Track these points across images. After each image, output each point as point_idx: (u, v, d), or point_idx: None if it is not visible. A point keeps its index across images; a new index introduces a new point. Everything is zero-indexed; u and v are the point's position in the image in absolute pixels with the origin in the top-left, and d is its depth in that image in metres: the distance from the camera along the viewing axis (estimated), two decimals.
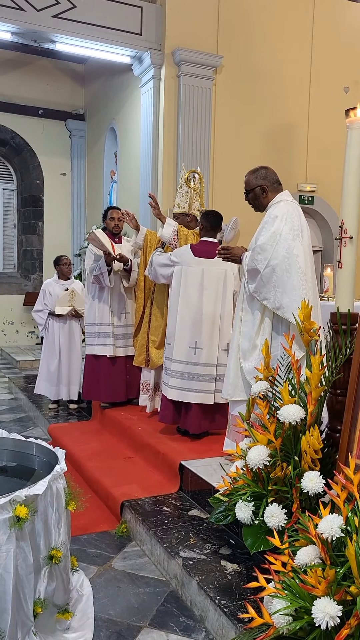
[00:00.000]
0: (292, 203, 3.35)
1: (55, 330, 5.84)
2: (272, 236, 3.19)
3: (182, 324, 4.21)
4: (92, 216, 10.95)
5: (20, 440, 2.75)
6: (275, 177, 3.44)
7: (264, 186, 3.40)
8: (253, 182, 3.44)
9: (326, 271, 5.43)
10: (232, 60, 7.88)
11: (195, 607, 2.60)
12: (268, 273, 3.18)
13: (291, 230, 3.20)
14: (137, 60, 7.91)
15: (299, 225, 3.24)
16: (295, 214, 3.27)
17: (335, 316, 2.70)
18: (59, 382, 5.84)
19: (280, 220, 3.22)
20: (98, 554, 3.13)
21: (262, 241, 3.22)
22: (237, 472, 2.80)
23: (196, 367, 4.16)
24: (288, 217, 3.23)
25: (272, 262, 3.17)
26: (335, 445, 2.64)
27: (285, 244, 3.16)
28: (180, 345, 4.20)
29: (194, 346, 4.18)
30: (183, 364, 4.18)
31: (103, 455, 4.42)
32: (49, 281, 6.07)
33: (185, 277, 4.25)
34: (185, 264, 4.27)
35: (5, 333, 10.89)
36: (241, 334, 3.38)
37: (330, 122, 8.25)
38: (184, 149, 7.60)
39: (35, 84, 10.78)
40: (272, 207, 3.35)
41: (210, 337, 4.18)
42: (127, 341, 5.30)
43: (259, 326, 3.30)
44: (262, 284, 3.21)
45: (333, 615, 1.76)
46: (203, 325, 4.18)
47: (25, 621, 2.09)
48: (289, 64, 8.32)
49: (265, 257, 3.19)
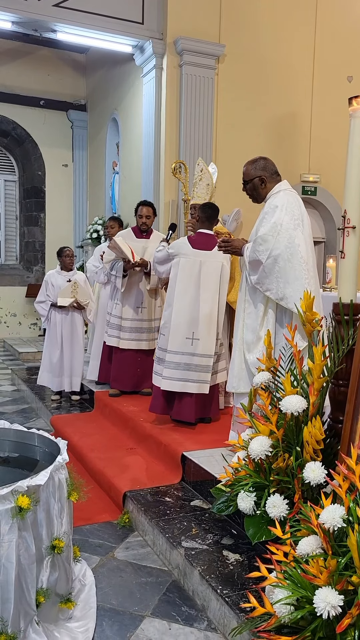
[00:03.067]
0: (292, 193, 3.33)
1: (58, 322, 5.84)
2: (273, 226, 3.17)
3: (179, 314, 4.23)
4: (94, 207, 10.92)
5: (22, 431, 2.75)
6: (274, 168, 3.42)
7: (262, 177, 3.38)
8: (252, 172, 3.42)
9: (328, 262, 5.41)
10: (235, 49, 7.82)
11: (197, 597, 2.61)
12: (270, 264, 3.17)
13: (292, 220, 3.18)
14: (138, 49, 7.85)
15: (299, 215, 3.22)
16: (295, 204, 3.25)
17: (338, 307, 2.69)
18: (61, 374, 5.84)
19: (281, 210, 3.20)
20: (100, 544, 3.14)
21: (264, 232, 3.20)
22: (239, 463, 2.80)
23: (193, 358, 4.20)
24: (288, 206, 3.22)
25: (274, 252, 3.16)
26: (337, 435, 2.64)
27: (287, 234, 3.15)
28: (176, 336, 4.22)
29: (191, 337, 4.21)
30: (179, 355, 4.21)
31: (105, 446, 4.43)
32: (51, 272, 6.06)
33: (183, 269, 4.27)
34: (182, 255, 4.29)
35: (8, 325, 10.90)
36: (245, 327, 3.37)
37: (334, 111, 8.19)
38: (185, 139, 7.56)
39: (36, 74, 10.72)
40: (272, 197, 3.33)
41: (207, 327, 4.21)
42: (141, 335, 5.34)
43: (263, 318, 3.29)
44: (264, 275, 3.20)
45: (334, 605, 1.76)
46: (200, 317, 4.20)
47: (27, 610, 2.10)
48: (292, 53, 8.25)
49: (267, 248, 3.17)
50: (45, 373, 5.90)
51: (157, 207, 7.80)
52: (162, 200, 7.67)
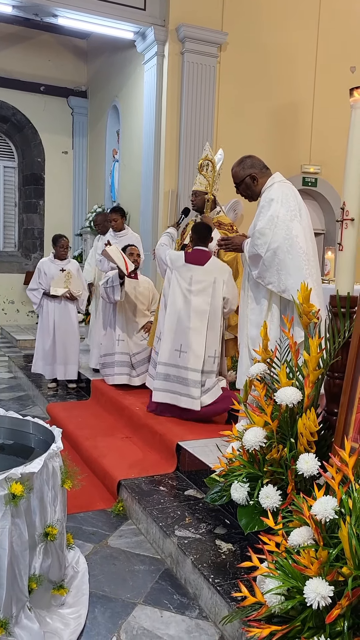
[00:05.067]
0: (286, 184, 3.31)
1: (50, 310, 5.82)
2: (270, 219, 3.16)
3: (168, 326, 4.30)
4: (94, 195, 10.87)
5: (17, 419, 2.75)
6: (262, 163, 3.41)
7: (252, 174, 3.36)
8: (241, 173, 3.40)
9: (327, 254, 5.39)
10: (237, 37, 7.74)
11: (190, 585, 2.63)
12: (270, 257, 3.15)
13: (288, 212, 3.16)
14: (140, 36, 7.77)
15: (296, 205, 3.20)
16: (290, 195, 3.23)
17: (335, 299, 2.68)
18: (54, 361, 5.84)
19: (276, 203, 3.18)
20: (94, 531, 3.16)
21: (261, 225, 3.19)
22: (233, 453, 2.81)
23: (180, 371, 4.21)
24: (284, 198, 3.20)
25: (273, 245, 3.14)
26: (331, 427, 2.65)
27: (284, 225, 3.13)
28: (166, 347, 4.28)
29: (179, 349, 4.24)
30: (168, 366, 4.27)
31: (101, 434, 4.44)
32: (44, 260, 6.04)
33: (175, 282, 4.33)
34: (175, 268, 4.35)
35: (6, 312, 10.88)
36: (249, 322, 3.35)
37: (336, 102, 8.11)
38: (186, 127, 7.50)
39: (36, 60, 10.61)
40: (266, 191, 3.31)
41: (196, 341, 4.20)
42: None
43: (267, 313, 3.27)
44: (264, 268, 3.19)
45: (324, 596, 1.77)
46: (189, 330, 4.21)
47: (20, 596, 2.11)
48: (294, 42, 8.17)
49: (265, 242, 3.16)
50: (39, 361, 5.90)
51: (156, 196, 7.79)
52: (162, 189, 7.63)
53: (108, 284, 5.07)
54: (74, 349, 5.88)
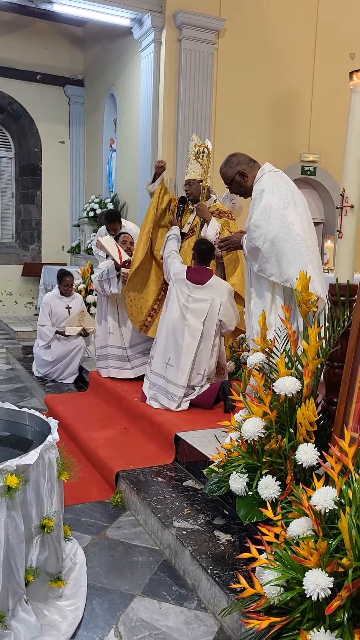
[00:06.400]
0: (276, 172, 3.26)
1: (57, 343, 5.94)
2: (263, 210, 3.11)
3: (162, 335, 4.35)
4: (91, 185, 10.79)
5: (13, 410, 2.72)
6: (247, 157, 3.37)
7: (241, 171, 3.33)
8: (229, 172, 3.37)
9: (326, 243, 5.35)
10: (235, 24, 7.63)
11: (188, 577, 2.61)
12: (268, 248, 3.10)
13: (281, 200, 3.12)
14: (137, 22, 7.67)
15: (288, 193, 3.16)
16: (281, 183, 3.19)
17: (334, 287, 2.64)
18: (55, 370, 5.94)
19: (267, 193, 3.14)
20: (92, 523, 3.14)
21: (255, 218, 3.14)
22: (232, 444, 2.78)
23: (167, 384, 4.28)
24: (274, 187, 3.15)
25: (269, 236, 3.10)
26: (331, 417, 2.62)
27: (278, 214, 3.08)
28: (158, 357, 4.36)
29: (167, 362, 4.30)
30: (156, 376, 4.36)
31: (99, 425, 4.42)
32: (50, 296, 6.08)
33: (174, 294, 4.33)
34: (177, 283, 4.35)
35: (4, 304, 10.83)
36: (254, 316, 3.30)
37: (335, 90, 8.02)
38: (184, 116, 7.42)
39: (32, 48, 10.47)
40: (257, 182, 3.27)
41: (184, 359, 4.21)
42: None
43: (271, 306, 3.22)
44: (264, 260, 3.14)
45: (324, 587, 1.75)
46: (180, 347, 4.23)
47: (16, 589, 2.09)
48: (293, 29, 8.06)
49: (261, 233, 3.11)
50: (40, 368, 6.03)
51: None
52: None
53: (103, 277, 5.00)
54: (76, 363, 5.93)
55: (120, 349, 5.19)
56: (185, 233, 4.77)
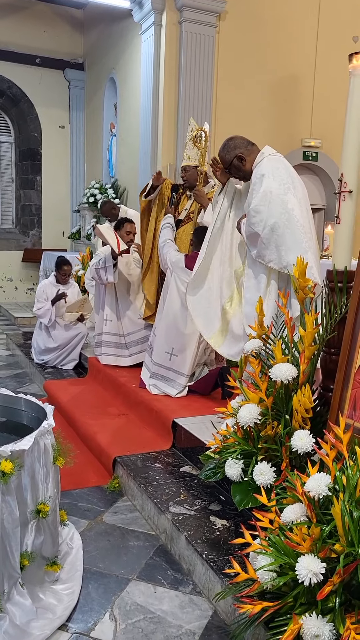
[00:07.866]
0: (276, 156, 3.20)
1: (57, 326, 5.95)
2: (264, 195, 3.06)
3: (162, 326, 4.34)
4: (92, 171, 10.71)
5: (9, 396, 2.72)
6: (246, 140, 3.31)
7: (239, 155, 3.27)
8: (227, 156, 3.32)
9: (327, 229, 5.31)
10: (237, 6, 7.51)
11: (183, 561, 2.62)
12: (268, 234, 3.05)
13: (281, 185, 3.07)
14: (137, 4, 7.56)
15: (288, 177, 3.10)
16: (281, 167, 3.13)
17: (332, 273, 2.62)
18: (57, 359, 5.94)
19: (268, 177, 3.08)
20: (89, 508, 3.15)
21: (255, 203, 3.09)
22: (228, 430, 2.78)
23: (168, 372, 4.30)
24: (274, 172, 3.09)
25: (270, 221, 3.04)
26: (327, 404, 2.61)
27: (278, 200, 3.03)
28: (159, 348, 4.34)
29: (170, 352, 4.29)
30: (157, 366, 4.36)
31: (97, 411, 4.43)
32: (46, 283, 6.06)
33: (173, 284, 4.31)
34: (176, 271, 4.32)
35: (4, 289, 10.82)
36: (245, 301, 3.26)
37: (338, 74, 7.91)
38: (185, 100, 7.34)
39: (32, 31, 10.34)
40: (257, 167, 3.20)
41: (189, 347, 4.22)
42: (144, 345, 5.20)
43: (266, 290, 3.15)
44: (263, 246, 3.08)
45: (316, 572, 1.76)
46: (184, 335, 4.22)
47: (12, 573, 2.10)
48: (296, 12, 7.94)
49: (262, 219, 3.06)
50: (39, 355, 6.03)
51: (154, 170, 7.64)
52: (160, 163, 7.49)
53: (100, 265, 4.98)
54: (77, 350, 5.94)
55: (118, 337, 5.19)
56: (181, 220, 4.74)
